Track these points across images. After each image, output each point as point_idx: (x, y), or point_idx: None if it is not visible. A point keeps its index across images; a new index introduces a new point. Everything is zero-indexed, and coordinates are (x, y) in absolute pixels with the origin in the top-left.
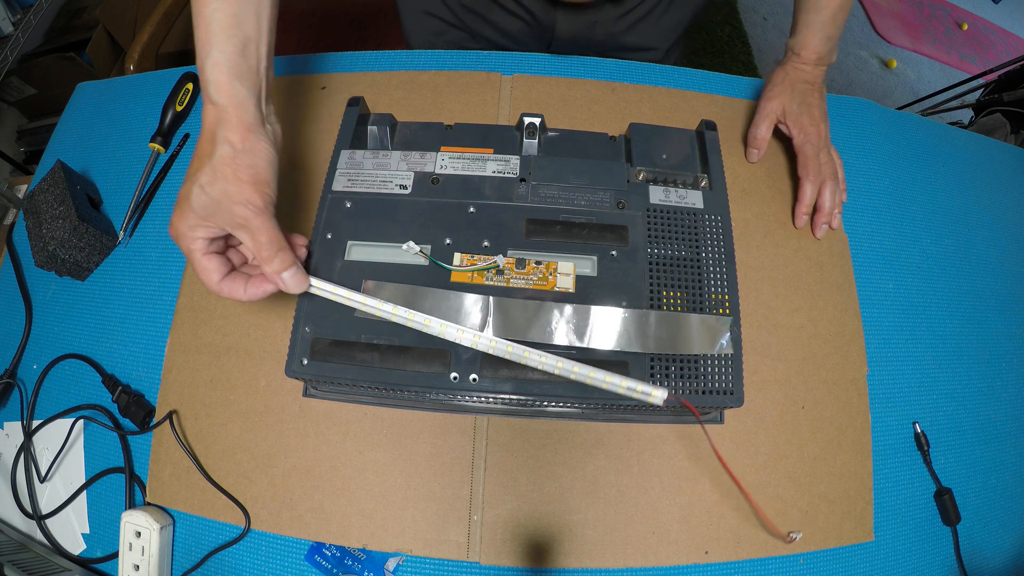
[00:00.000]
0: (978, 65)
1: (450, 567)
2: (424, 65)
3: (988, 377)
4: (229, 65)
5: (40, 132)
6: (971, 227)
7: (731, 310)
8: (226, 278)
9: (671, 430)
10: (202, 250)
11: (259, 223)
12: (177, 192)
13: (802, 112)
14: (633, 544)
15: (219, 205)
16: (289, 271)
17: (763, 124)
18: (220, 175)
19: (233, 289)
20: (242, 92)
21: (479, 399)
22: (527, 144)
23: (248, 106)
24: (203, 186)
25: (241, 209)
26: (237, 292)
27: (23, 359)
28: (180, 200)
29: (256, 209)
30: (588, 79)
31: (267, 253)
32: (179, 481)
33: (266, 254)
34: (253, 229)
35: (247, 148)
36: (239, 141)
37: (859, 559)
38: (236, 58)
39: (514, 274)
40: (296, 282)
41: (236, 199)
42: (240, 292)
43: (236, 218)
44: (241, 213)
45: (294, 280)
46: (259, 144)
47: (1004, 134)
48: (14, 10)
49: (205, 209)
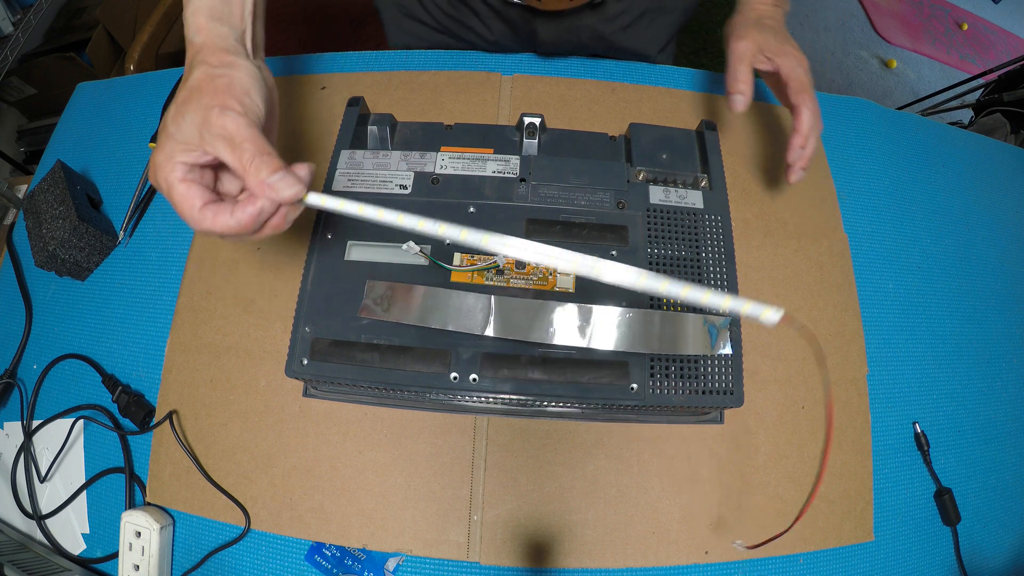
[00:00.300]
0: (978, 65)
1: (450, 567)
2: (424, 65)
3: (988, 377)
4: (209, 9)
5: (40, 132)
6: (971, 227)
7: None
8: (209, 205)
9: (671, 430)
10: (180, 176)
11: (236, 127)
12: None
13: (783, 42)
14: (633, 544)
15: (195, 122)
16: (277, 174)
17: (741, 65)
18: (195, 91)
19: (217, 214)
20: (221, 29)
21: (479, 399)
22: (527, 144)
23: (228, 38)
24: (179, 105)
25: (217, 115)
26: (222, 217)
27: (23, 359)
28: (159, 133)
29: (234, 113)
30: (588, 79)
31: (248, 159)
32: (179, 481)
33: (246, 160)
34: (232, 135)
35: (224, 64)
36: (216, 60)
37: (859, 559)
38: (216, 4)
39: (514, 274)
40: (286, 184)
41: (213, 105)
42: (226, 217)
43: (214, 127)
44: (217, 120)
45: (284, 182)
46: (239, 61)
47: (1004, 134)
48: (14, 10)
49: (180, 131)
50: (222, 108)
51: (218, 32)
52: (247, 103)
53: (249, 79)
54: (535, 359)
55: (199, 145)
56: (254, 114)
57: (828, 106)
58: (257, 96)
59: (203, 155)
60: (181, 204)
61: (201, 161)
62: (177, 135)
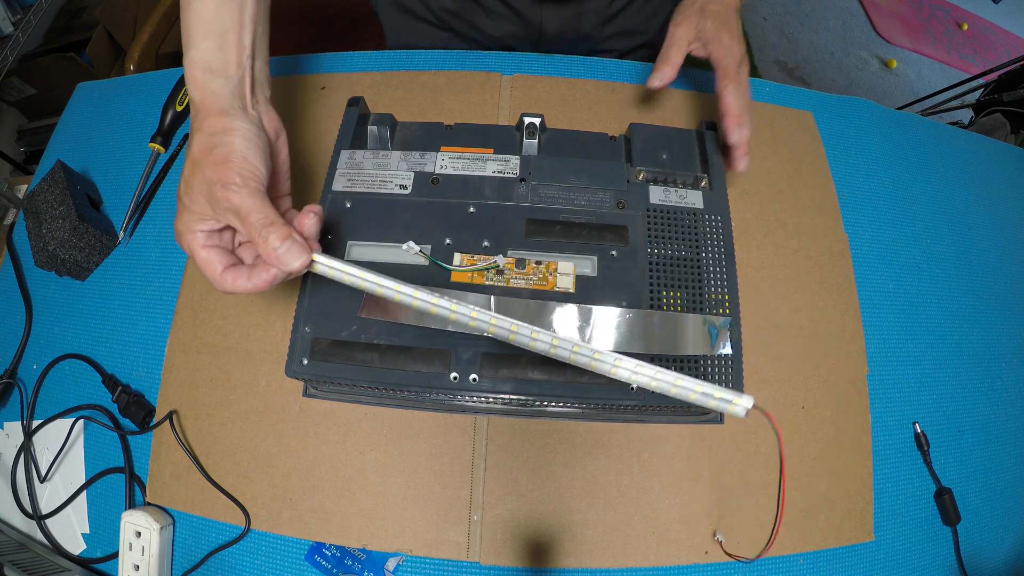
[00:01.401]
0: (978, 65)
1: (450, 567)
2: (424, 65)
3: (988, 377)
4: (204, 62)
5: (40, 132)
6: (971, 227)
7: (731, 310)
8: (229, 269)
9: (671, 430)
10: (201, 243)
11: (240, 200)
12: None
13: (719, 29)
14: (633, 544)
15: (203, 195)
16: (284, 244)
17: (672, 48)
18: (198, 164)
19: (236, 278)
20: (216, 83)
21: (479, 399)
22: (527, 144)
23: (223, 95)
24: (186, 179)
25: (220, 191)
26: (240, 281)
27: (23, 359)
28: (177, 201)
29: (235, 187)
30: (588, 79)
31: (257, 230)
32: (179, 481)
33: (256, 232)
34: (237, 208)
35: (219, 130)
36: (211, 127)
37: (859, 559)
38: (211, 54)
39: (514, 274)
40: (294, 254)
41: (214, 181)
42: (244, 281)
43: (220, 202)
44: (221, 195)
45: (291, 253)
46: (233, 124)
47: (1004, 134)
48: (14, 10)
49: (194, 202)
50: (223, 184)
51: (213, 89)
52: (246, 172)
53: (246, 144)
54: (535, 359)
55: (212, 215)
56: (256, 180)
57: (828, 106)
58: (256, 159)
59: (217, 223)
60: (204, 268)
61: (216, 227)
62: (192, 206)
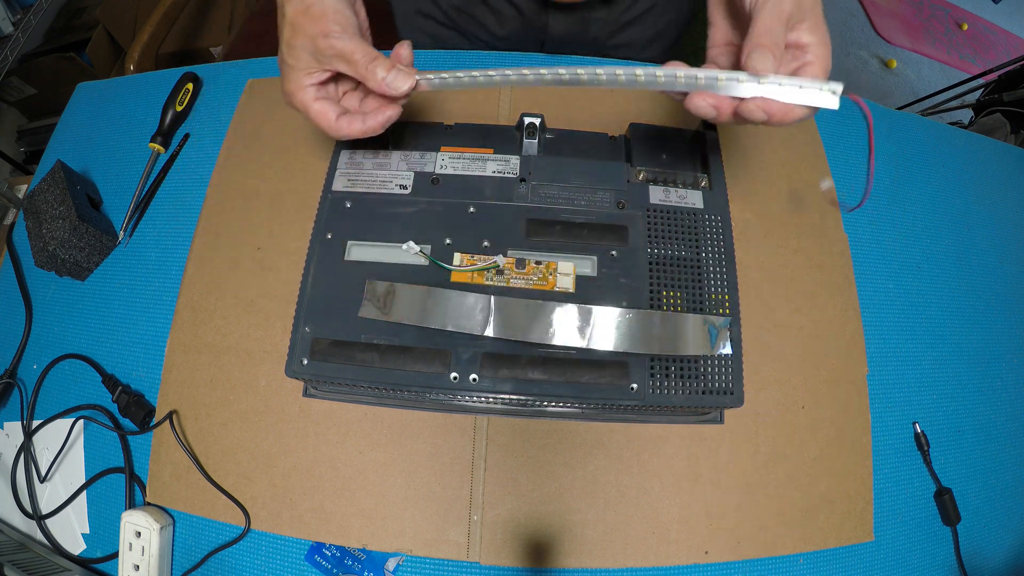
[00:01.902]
0: (978, 65)
1: (450, 567)
2: (425, 65)
3: (988, 377)
4: None
5: (40, 132)
6: (971, 227)
7: (731, 310)
8: (342, 116)
9: (671, 430)
10: (313, 96)
11: (343, 45)
12: (177, 192)
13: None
14: (633, 544)
15: (307, 50)
16: (391, 73)
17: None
18: (297, 26)
19: (351, 122)
20: None
21: (479, 399)
22: (527, 144)
23: None
24: (287, 41)
25: (323, 41)
26: (356, 124)
27: (23, 359)
28: (280, 68)
29: (335, 34)
30: None
31: (363, 67)
32: (179, 481)
33: (363, 69)
34: (342, 52)
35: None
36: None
37: (859, 559)
38: None
39: (514, 274)
40: (401, 79)
41: (317, 34)
42: (359, 124)
43: (324, 51)
44: (324, 44)
45: (398, 79)
46: None
47: (1004, 134)
48: (14, 10)
49: (298, 60)
50: (325, 34)
51: None
52: (343, 20)
53: (337, 1)
54: (535, 359)
55: (318, 67)
56: (353, 27)
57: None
58: (347, 10)
59: (323, 73)
60: (319, 119)
61: (323, 79)
62: (297, 64)
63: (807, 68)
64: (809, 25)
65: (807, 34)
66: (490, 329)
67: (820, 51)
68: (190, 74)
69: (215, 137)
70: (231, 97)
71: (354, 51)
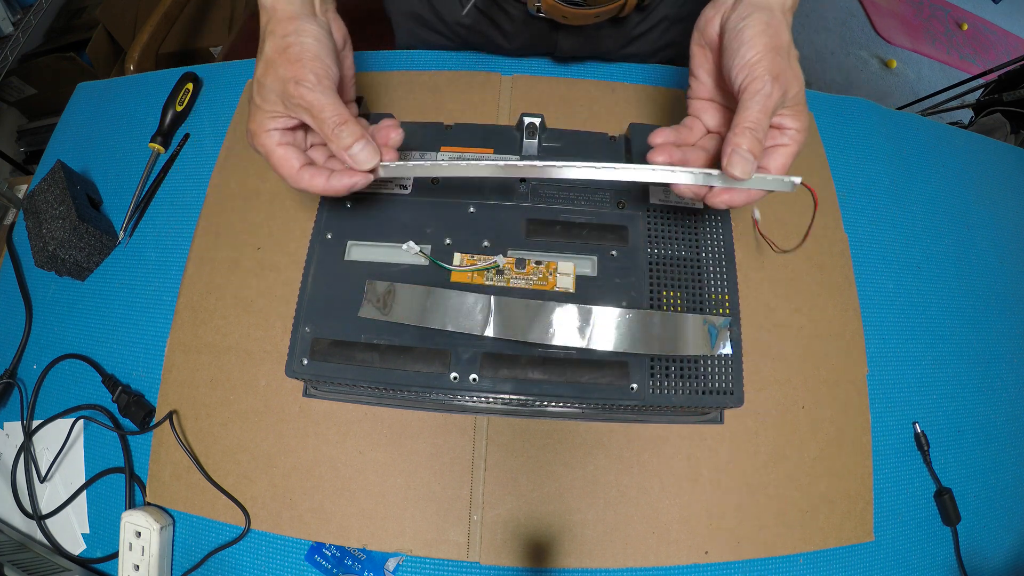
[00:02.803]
0: (978, 65)
1: (450, 567)
2: (424, 65)
3: (987, 377)
4: None
5: (40, 132)
6: (971, 227)
7: (731, 310)
8: (306, 167)
9: (671, 430)
10: (276, 141)
11: (313, 97)
12: (177, 192)
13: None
14: (633, 544)
15: (276, 92)
16: (359, 143)
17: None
18: (271, 63)
19: (314, 176)
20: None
21: (479, 399)
22: (527, 144)
23: (294, 2)
24: (259, 79)
25: (294, 88)
26: (318, 180)
27: (23, 359)
28: (249, 104)
29: (308, 84)
30: (588, 79)
31: (330, 128)
32: (179, 481)
33: (329, 129)
34: (311, 105)
35: (292, 31)
36: (283, 30)
37: (859, 559)
38: None
39: (514, 274)
40: (368, 154)
41: (288, 78)
42: (321, 181)
43: (293, 98)
44: (295, 91)
45: (364, 152)
46: (305, 26)
47: (1004, 134)
48: (14, 10)
49: (266, 101)
50: (296, 81)
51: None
52: (319, 70)
53: (317, 44)
54: (535, 359)
55: (285, 112)
56: (328, 78)
57: (828, 106)
58: (328, 58)
59: (290, 120)
60: (280, 166)
61: (290, 125)
62: (264, 106)
63: (781, 150)
64: (793, 112)
65: (789, 120)
66: (490, 329)
67: (797, 136)
68: (190, 74)
69: (215, 137)
70: (231, 97)
71: (324, 108)
